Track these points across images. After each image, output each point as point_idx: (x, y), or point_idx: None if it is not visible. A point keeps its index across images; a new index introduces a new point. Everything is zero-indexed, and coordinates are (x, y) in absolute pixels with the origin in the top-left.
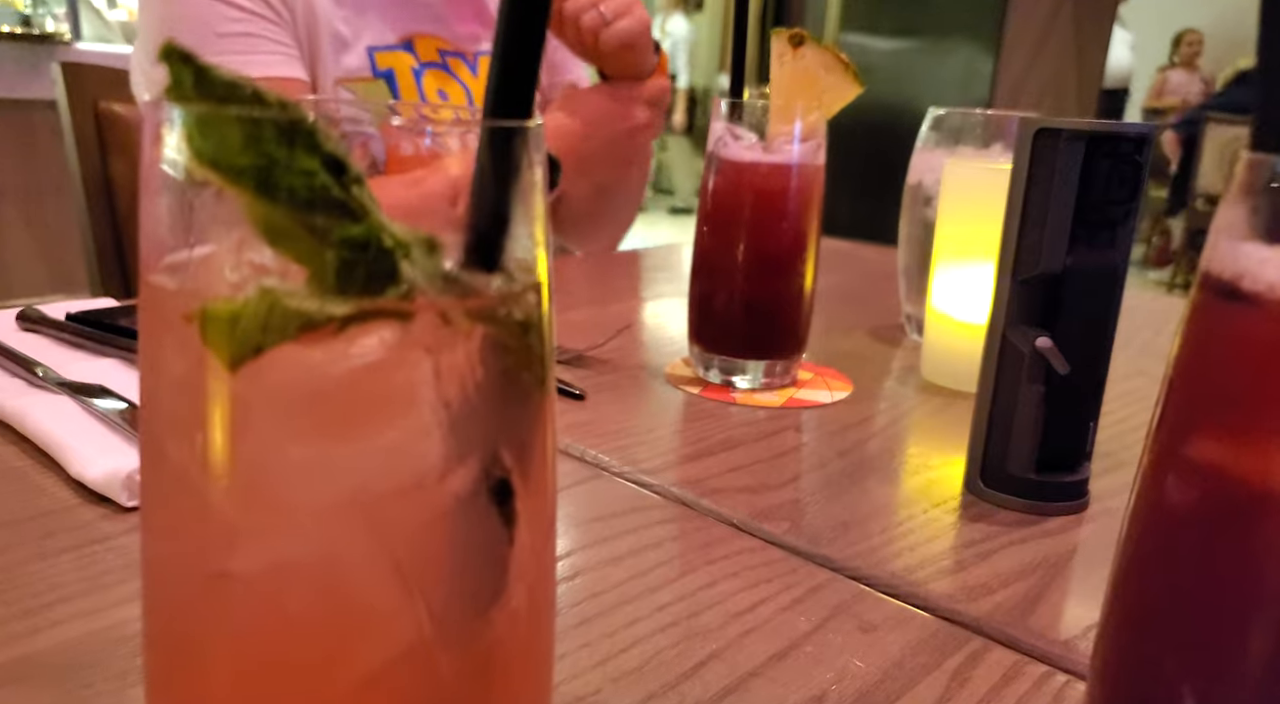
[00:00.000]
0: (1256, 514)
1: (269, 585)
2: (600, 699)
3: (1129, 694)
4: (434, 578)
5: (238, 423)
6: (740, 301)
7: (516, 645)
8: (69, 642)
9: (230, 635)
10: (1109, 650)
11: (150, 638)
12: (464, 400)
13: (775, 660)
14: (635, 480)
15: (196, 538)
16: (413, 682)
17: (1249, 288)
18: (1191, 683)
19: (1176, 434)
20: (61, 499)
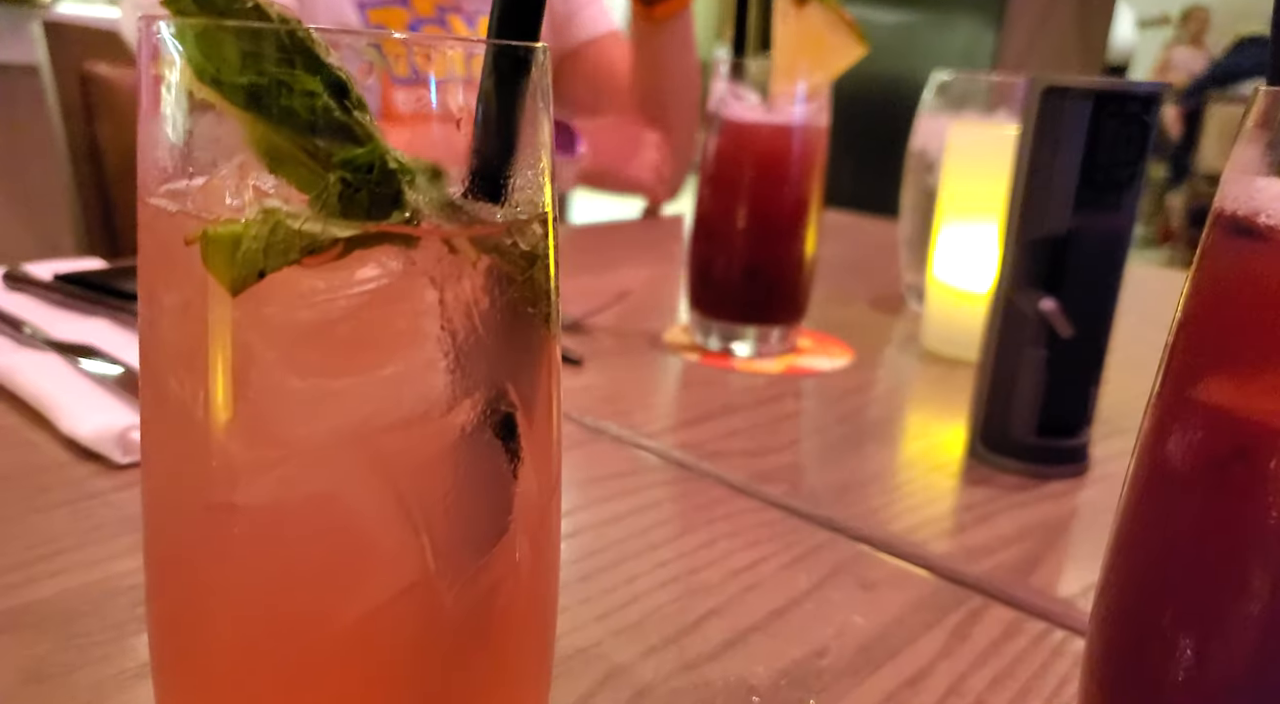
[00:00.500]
0: (1266, 454)
1: (271, 519)
2: (601, 651)
3: (1128, 646)
4: (438, 513)
5: (239, 352)
6: (740, 266)
7: (520, 586)
8: (66, 592)
9: (232, 570)
10: (1110, 602)
11: (152, 576)
12: (469, 332)
13: (775, 616)
14: (634, 444)
15: (198, 472)
16: (416, 618)
17: (1264, 223)
18: (1191, 632)
19: (1185, 377)
20: (54, 456)
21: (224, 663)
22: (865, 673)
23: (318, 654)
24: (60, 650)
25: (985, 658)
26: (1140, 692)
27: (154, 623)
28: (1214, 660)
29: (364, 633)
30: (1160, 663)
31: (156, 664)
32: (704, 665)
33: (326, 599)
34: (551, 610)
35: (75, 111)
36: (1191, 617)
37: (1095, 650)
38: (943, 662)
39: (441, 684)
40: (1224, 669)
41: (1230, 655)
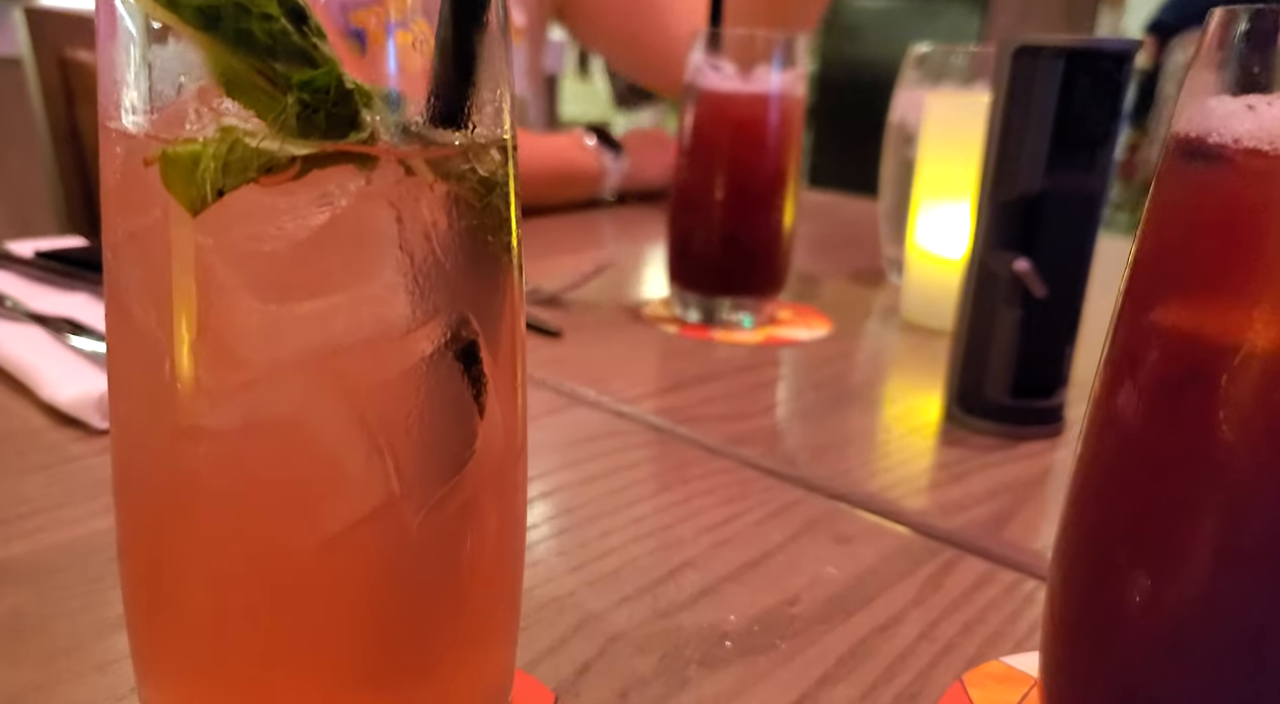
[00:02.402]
0: (1218, 375)
1: (237, 442)
2: (575, 601)
3: (1084, 577)
4: (401, 436)
5: (200, 276)
6: (719, 236)
7: (487, 516)
8: (43, 549)
9: (199, 494)
10: (1067, 538)
11: (121, 504)
12: (428, 256)
13: (749, 568)
14: (611, 409)
15: (163, 397)
16: (383, 542)
17: (1215, 141)
18: (1144, 559)
19: (1140, 304)
20: (32, 422)
21: (193, 591)
22: (838, 620)
23: (286, 578)
24: (37, 602)
25: (957, 605)
26: (1096, 620)
27: (123, 553)
28: (1167, 583)
29: (332, 556)
30: (1114, 591)
31: (128, 597)
32: (677, 613)
33: (294, 522)
34: (519, 544)
35: (56, 97)
36: (1145, 542)
37: (1054, 588)
38: (915, 609)
39: (409, 611)
40: (1177, 593)
41: (1182, 578)
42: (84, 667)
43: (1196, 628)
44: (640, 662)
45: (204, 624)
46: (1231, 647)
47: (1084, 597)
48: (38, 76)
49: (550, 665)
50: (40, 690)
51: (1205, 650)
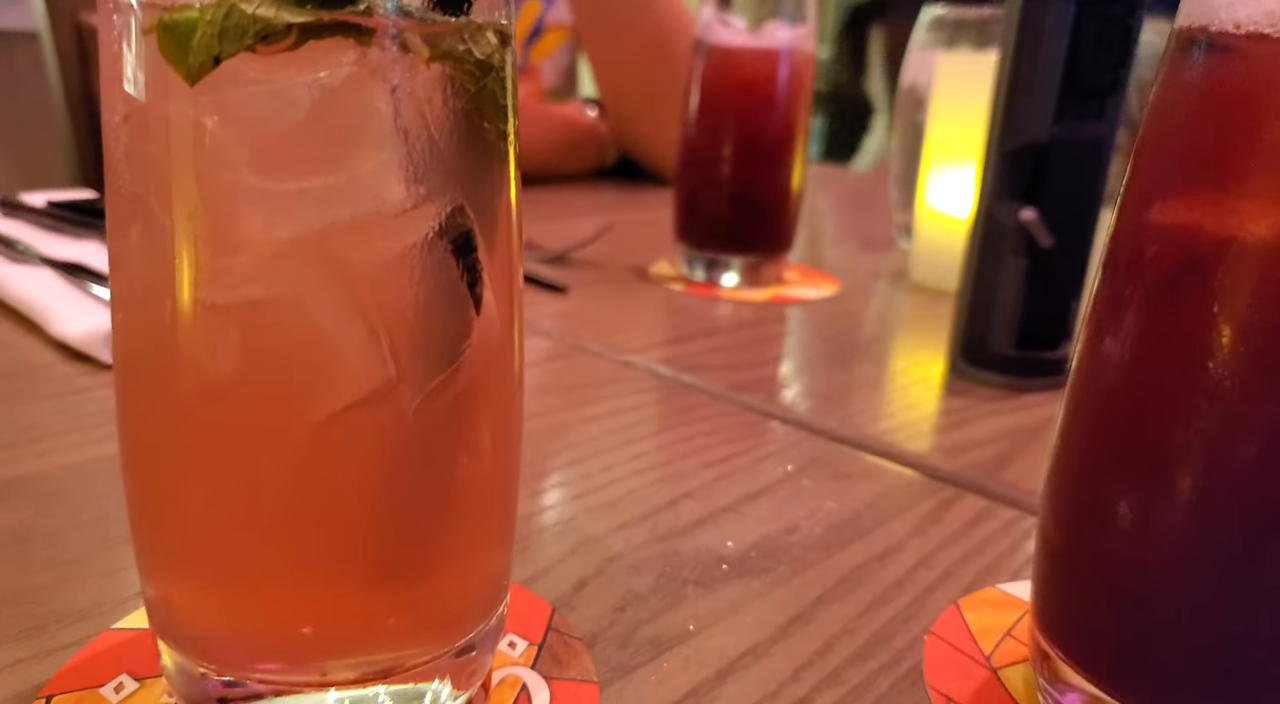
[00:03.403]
0: (1215, 264)
1: (234, 319)
2: (574, 525)
3: (1074, 500)
4: (398, 321)
5: (198, 149)
6: (727, 194)
7: (482, 409)
8: (50, 470)
9: (196, 373)
10: (1059, 461)
11: (122, 391)
12: (423, 134)
13: (748, 500)
14: (615, 359)
15: (160, 276)
16: (378, 427)
17: (1217, 29)
18: (1136, 465)
19: (1139, 202)
20: (43, 358)
21: (193, 478)
22: (835, 548)
23: (284, 463)
24: (43, 517)
25: (956, 538)
26: (1084, 533)
27: (124, 443)
28: (1158, 490)
29: (329, 439)
30: (1104, 501)
31: (130, 491)
32: (675, 538)
33: (291, 401)
34: (514, 443)
35: (71, 62)
36: (1137, 450)
37: (1046, 508)
38: (913, 540)
39: (406, 501)
40: (1168, 498)
41: (1174, 483)
42: (89, 573)
43: (1189, 532)
44: (637, 580)
45: (204, 514)
46: (1225, 554)
47: (1073, 512)
48: (53, 43)
49: (547, 581)
50: (46, 592)
51: (1197, 558)
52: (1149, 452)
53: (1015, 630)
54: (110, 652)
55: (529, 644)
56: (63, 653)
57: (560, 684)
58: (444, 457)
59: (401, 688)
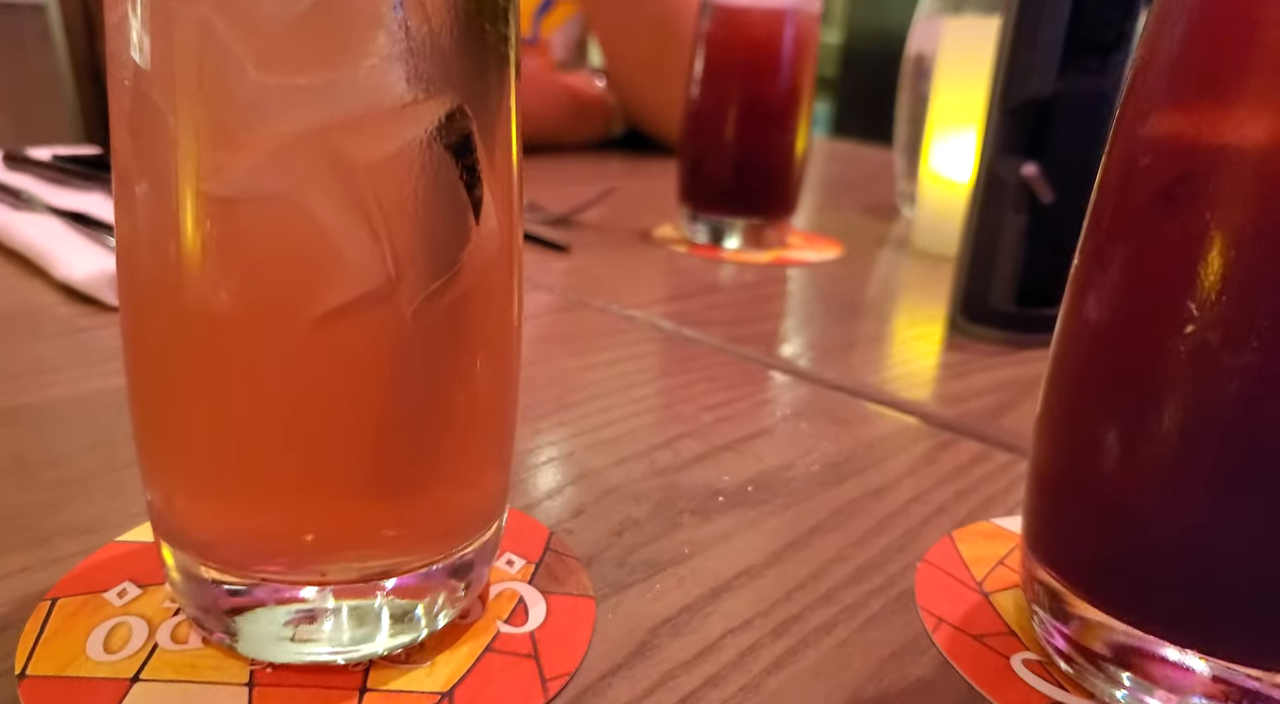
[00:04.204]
0: (1208, 172)
1: (235, 214)
2: (574, 460)
3: (1065, 435)
4: (397, 220)
5: (201, 43)
6: (730, 155)
7: (480, 321)
8: (55, 400)
9: (198, 269)
10: (1050, 395)
11: (125, 290)
12: (424, 29)
13: (745, 440)
14: (616, 314)
15: (163, 170)
16: (378, 327)
17: None
18: (1128, 384)
19: (1134, 120)
20: (47, 300)
21: (193, 376)
22: (831, 484)
23: (285, 362)
24: (48, 442)
25: (951, 477)
26: (1075, 455)
27: (127, 344)
28: (1149, 409)
29: (329, 338)
30: (1095, 420)
31: (133, 395)
32: (672, 473)
33: (291, 298)
34: (513, 355)
35: (78, 34)
36: (1129, 367)
37: (1038, 440)
38: (909, 478)
39: (406, 407)
40: (1157, 415)
41: (1164, 401)
42: (94, 492)
43: (1181, 446)
44: (634, 508)
45: (206, 414)
46: (1217, 468)
47: (1065, 431)
48: (60, 15)
49: (545, 509)
50: (51, 509)
51: (1189, 471)
52: (1142, 367)
53: (1008, 559)
54: (114, 561)
55: (527, 562)
56: (67, 562)
57: (557, 598)
58: (442, 362)
59: (399, 601)
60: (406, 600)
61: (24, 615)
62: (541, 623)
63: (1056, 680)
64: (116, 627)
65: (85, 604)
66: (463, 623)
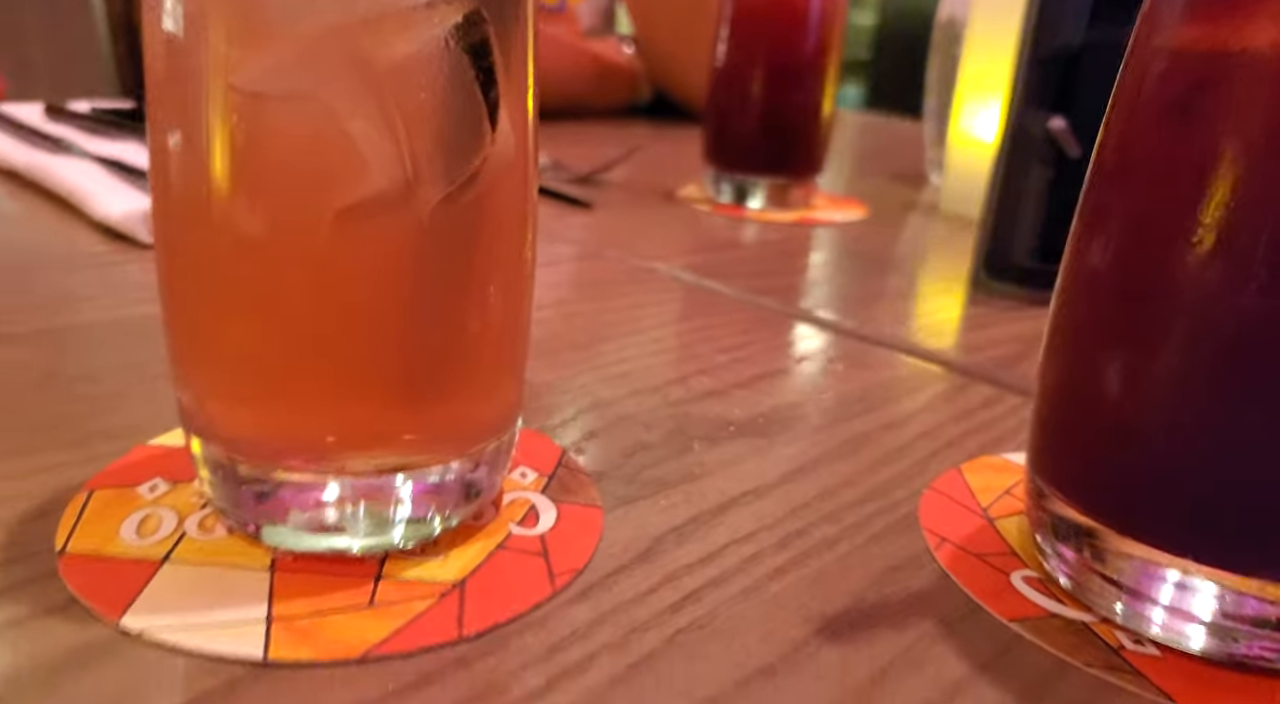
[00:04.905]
0: (1223, 79)
1: (259, 110)
2: (588, 391)
3: (1072, 357)
4: (415, 121)
5: None
6: (756, 114)
7: (494, 222)
8: (88, 323)
9: (224, 162)
10: (1058, 316)
11: (155, 180)
12: None
13: (760, 378)
14: (636, 264)
15: (190, 65)
16: (396, 226)
17: None
18: (1134, 319)
19: (1151, 31)
20: (84, 236)
21: (219, 273)
22: (843, 418)
23: (304, 255)
24: (81, 360)
25: (963, 417)
26: (1085, 376)
27: (158, 240)
28: (1154, 327)
29: (347, 235)
30: (1104, 342)
31: (164, 292)
32: (685, 405)
33: (312, 195)
34: (527, 262)
35: None
36: (1139, 279)
37: (1044, 365)
38: (921, 415)
39: (421, 306)
40: (1165, 332)
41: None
42: (126, 402)
43: (1186, 361)
44: (646, 434)
45: (232, 312)
46: (1220, 385)
47: (1071, 353)
48: None
49: (559, 432)
50: (87, 416)
51: (1192, 387)
52: (1150, 281)
53: (1014, 489)
54: (146, 461)
55: (540, 475)
56: (102, 460)
57: (567, 506)
58: (457, 265)
59: (416, 497)
60: (422, 497)
61: (63, 504)
62: (551, 527)
63: (1055, 596)
64: (148, 516)
65: (119, 496)
66: (476, 524)
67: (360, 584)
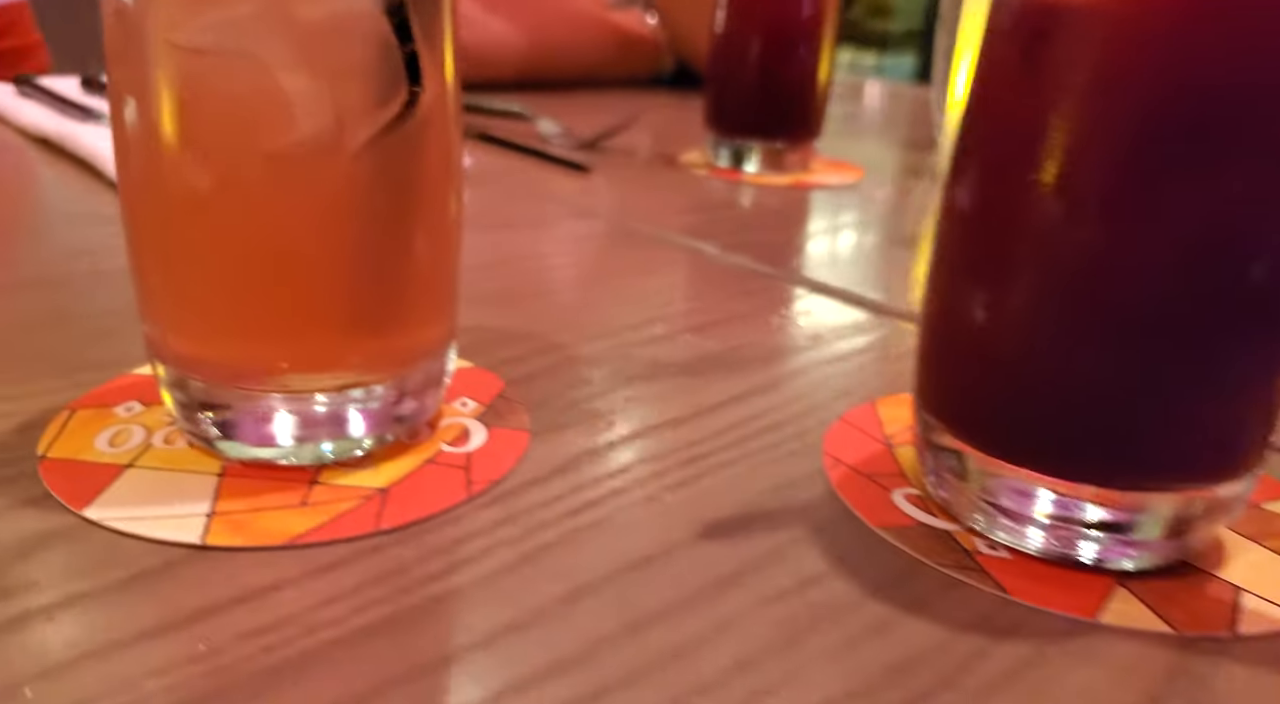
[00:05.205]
0: (1069, 32)
1: (200, 64)
2: (545, 335)
3: (939, 302)
4: (338, 69)
5: None
6: (752, 78)
7: (419, 162)
8: (100, 271)
9: (169, 112)
10: (932, 270)
11: (116, 128)
12: None
13: (711, 325)
14: (614, 222)
15: (141, 28)
16: (325, 165)
17: None
18: (989, 257)
19: None
20: (105, 197)
21: (170, 216)
22: (777, 360)
23: (246, 196)
24: (85, 301)
25: (898, 359)
26: (951, 311)
27: (122, 190)
28: (1009, 255)
29: (283, 177)
30: (965, 278)
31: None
32: (634, 349)
33: (249, 140)
34: (450, 212)
35: None
36: (993, 218)
37: (923, 312)
38: (857, 357)
39: (352, 241)
40: (1014, 267)
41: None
42: (119, 339)
43: (1032, 297)
44: (588, 372)
45: (182, 252)
46: (1067, 312)
47: (941, 289)
48: None
49: (507, 369)
50: (80, 349)
51: (1042, 317)
52: (1002, 218)
53: None
54: (126, 387)
55: (479, 405)
56: (88, 386)
57: (498, 430)
58: (384, 203)
59: (353, 415)
60: (355, 417)
61: (49, 420)
62: (479, 447)
63: (930, 511)
64: (120, 431)
65: (98, 414)
66: (411, 443)
67: (296, 488)
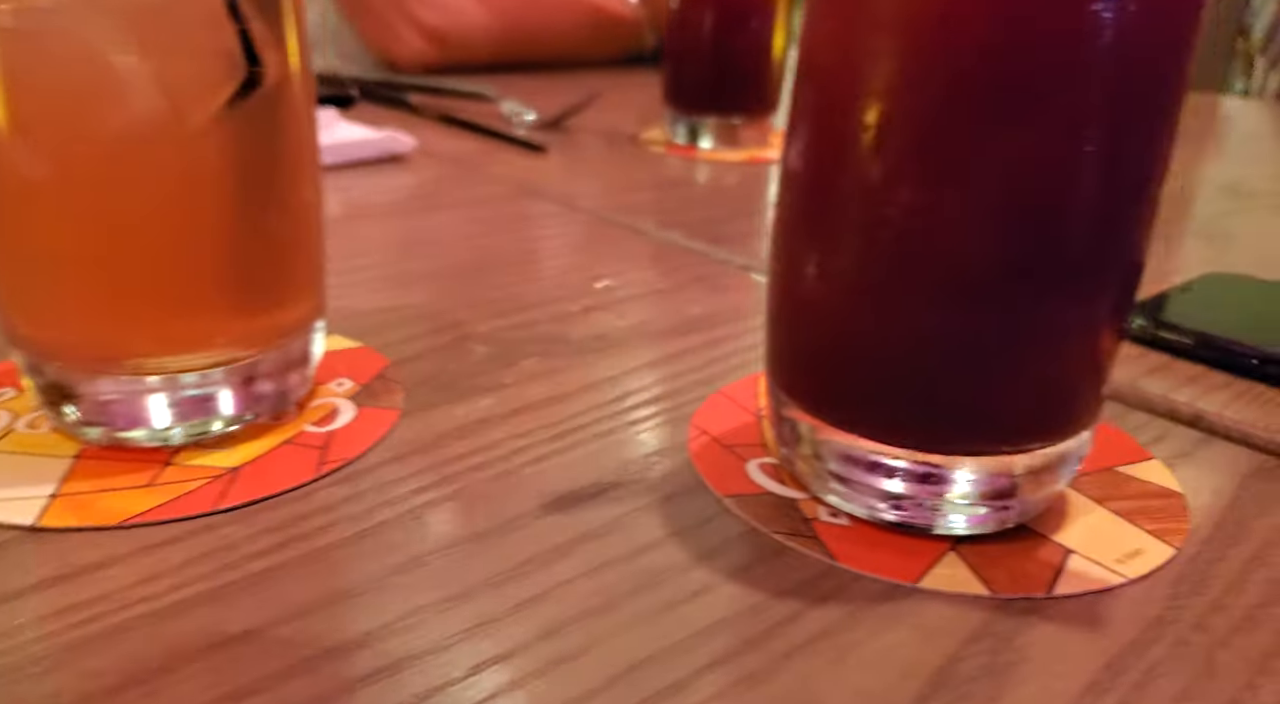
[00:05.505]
0: None
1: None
2: (446, 313)
3: (774, 289)
4: (170, 50)
5: None
6: (706, 54)
7: (267, 138)
8: None
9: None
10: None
11: None
12: None
13: (622, 303)
14: (553, 199)
15: None
16: (165, 146)
17: None
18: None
19: None
20: None
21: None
22: (676, 337)
23: (85, 179)
24: None
25: None
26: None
27: None
28: (829, 227)
29: (121, 161)
30: (790, 251)
31: None
32: (534, 327)
33: (82, 122)
34: (305, 190)
35: None
36: (810, 185)
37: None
38: (751, 333)
39: (197, 221)
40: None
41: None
42: None
43: (852, 266)
44: (481, 350)
45: (28, 241)
46: (886, 279)
47: (777, 261)
48: None
49: (394, 348)
50: None
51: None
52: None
53: None
54: (3, 374)
55: (355, 384)
56: None
57: (367, 410)
58: (233, 183)
59: (208, 395)
60: (216, 395)
61: None
62: (342, 427)
63: (782, 480)
64: None
65: None
66: (275, 424)
67: (148, 469)
